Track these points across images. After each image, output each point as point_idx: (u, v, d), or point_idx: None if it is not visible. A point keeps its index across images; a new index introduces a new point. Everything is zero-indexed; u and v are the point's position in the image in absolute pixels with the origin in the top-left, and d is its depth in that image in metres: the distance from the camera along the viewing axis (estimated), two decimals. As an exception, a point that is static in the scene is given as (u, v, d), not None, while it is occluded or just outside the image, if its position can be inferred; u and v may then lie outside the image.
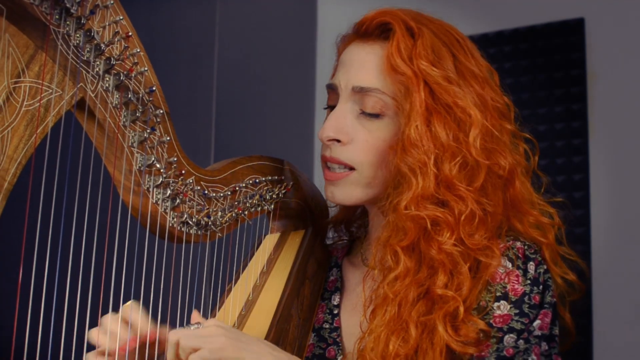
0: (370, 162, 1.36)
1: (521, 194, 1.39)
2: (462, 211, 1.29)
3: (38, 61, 0.99)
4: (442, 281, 1.28)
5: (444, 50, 1.34)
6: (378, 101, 1.35)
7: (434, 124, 1.30)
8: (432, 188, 1.29)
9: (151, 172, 1.22)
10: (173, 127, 1.24)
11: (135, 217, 1.21)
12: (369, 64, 1.37)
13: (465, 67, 1.35)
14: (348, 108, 1.38)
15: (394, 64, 1.32)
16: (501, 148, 1.35)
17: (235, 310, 1.41)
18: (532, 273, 1.31)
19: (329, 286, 1.53)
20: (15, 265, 1.00)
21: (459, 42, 1.38)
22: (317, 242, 1.58)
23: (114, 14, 1.10)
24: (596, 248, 2.81)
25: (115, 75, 1.12)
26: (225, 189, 1.36)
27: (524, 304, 1.29)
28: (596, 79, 2.91)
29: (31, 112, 0.98)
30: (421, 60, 1.31)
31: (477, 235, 1.30)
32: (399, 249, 1.31)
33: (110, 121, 1.13)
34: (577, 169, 2.87)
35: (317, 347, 1.43)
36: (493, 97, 1.36)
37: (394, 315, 1.29)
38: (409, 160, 1.30)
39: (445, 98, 1.31)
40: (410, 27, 1.34)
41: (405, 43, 1.33)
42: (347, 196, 1.40)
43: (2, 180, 0.94)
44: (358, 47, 1.40)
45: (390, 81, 1.34)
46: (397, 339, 1.27)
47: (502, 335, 1.27)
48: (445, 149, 1.30)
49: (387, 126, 1.36)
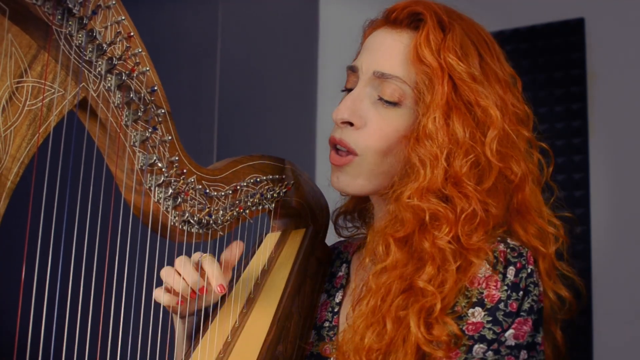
0: (377, 149, 1.34)
1: (529, 201, 1.36)
2: (465, 209, 1.27)
3: (40, 61, 0.99)
4: (427, 274, 1.25)
5: (471, 48, 1.33)
6: (397, 89, 1.33)
7: (453, 118, 1.29)
8: (439, 182, 1.28)
9: (153, 171, 1.22)
10: (175, 126, 1.24)
11: (137, 215, 1.21)
12: (394, 51, 1.35)
13: (491, 68, 1.34)
14: (366, 92, 1.36)
15: (421, 54, 1.31)
16: (516, 154, 1.33)
17: (237, 308, 1.41)
18: (511, 278, 1.26)
19: (336, 283, 1.52)
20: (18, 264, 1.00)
21: (487, 44, 1.37)
22: (318, 240, 1.58)
23: (116, 14, 1.10)
24: (596, 246, 2.81)
25: (117, 75, 1.12)
26: (226, 188, 1.36)
27: (499, 311, 1.24)
28: (596, 79, 2.91)
29: (34, 112, 0.98)
30: (449, 54, 1.30)
31: (475, 237, 1.28)
32: (391, 240, 1.29)
33: (112, 120, 1.13)
34: (577, 168, 2.87)
35: (315, 346, 1.43)
36: (514, 103, 1.35)
37: (373, 308, 1.27)
38: (420, 151, 1.29)
39: (467, 95, 1.30)
40: (442, 20, 1.33)
41: (435, 35, 1.31)
42: (349, 184, 1.39)
43: (5, 180, 0.94)
44: (385, 32, 1.38)
45: (413, 71, 1.32)
46: (373, 333, 1.25)
47: (472, 343, 1.23)
48: (459, 145, 1.28)
49: (402, 116, 1.34)
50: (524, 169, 1.34)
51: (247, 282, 1.47)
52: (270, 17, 3.22)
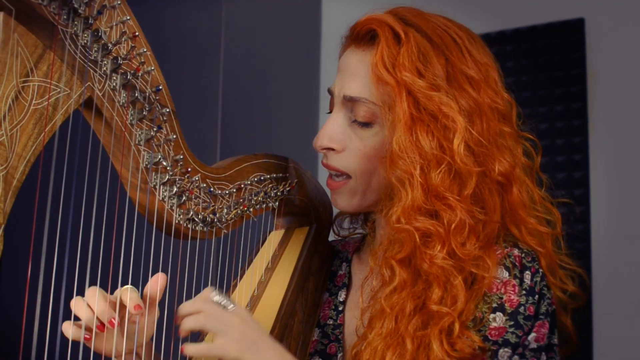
0: (362, 170, 1.35)
1: (519, 200, 1.34)
2: (452, 220, 1.25)
3: (46, 61, 0.99)
4: (437, 295, 1.25)
5: (433, 53, 1.29)
6: (368, 110, 1.32)
7: (418, 133, 1.26)
8: (420, 199, 1.26)
9: (158, 170, 1.22)
10: (179, 125, 1.24)
11: (142, 214, 1.21)
12: (359, 72, 1.34)
13: (458, 69, 1.30)
14: (341, 116, 1.36)
15: (378, 73, 1.29)
16: (498, 152, 1.30)
17: (241, 305, 1.41)
18: (528, 282, 1.27)
19: (337, 281, 1.52)
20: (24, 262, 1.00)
21: (455, 42, 1.32)
22: (321, 238, 1.57)
23: (121, 14, 1.10)
24: (596, 244, 2.81)
25: (122, 74, 1.12)
26: (230, 187, 1.36)
27: (519, 315, 1.25)
28: (596, 78, 2.90)
29: (40, 111, 0.98)
30: (404, 70, 1.27)
31: (468, 245, 1.26)
32: (394, 263, 1.28)
33: (117, 119, 1.13)
34: (577, 167, 2.87)
35: (320, 343, 1.43)
36: (492, 98, 1.31)
37: (391, 330, 1.26)
38: (397, 172, 1.28)
39: (429, 106, 1.26)
40: (397, 32, 1.30)
41: (390, 51, 1.29)
42: (348, 204, 1.40)
43: (11, 178, 0.94)
44: (352, 53, 1.37)
45: (377, 90, 1.31)
46: (394, 353, 1.25)
47: (497, 348, 1.24)
48: (429, 158, 1.26)
49: (377, 134, 1.33)
50: (507, 167, 1.31)
51: (251, 280, 1.46)
52: (273, 17, 3.21)
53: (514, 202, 1.34)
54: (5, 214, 0.93)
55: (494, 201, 1.30)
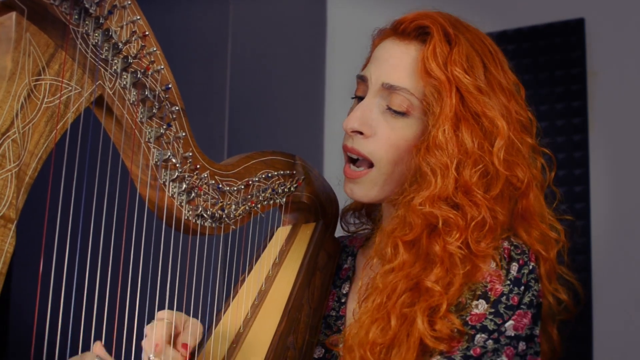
0: (388, 158, 1.35)
1: (533, 207, 1.36)
2: (475, 217, 1.27)
3: (58, 59, 0.99)
4: (435, 275, 1.26)
5: (477, 59, 1.33)
6: (405, 100, 1.33)
7: (462, 130, 1.29)
8: (449, 190, 1.28)
9: (167, 167, 1.21)
10: (188, 123, 1.24)
11: (151, 210, 1.21)
12: (402, 63, 1.35)
13: (495, 78, 1.33)
14: (375, 103, 1.37)
15: (428, 67, 1.31)
16: (520, 161, 1.33)
17: (249, 300, 1.40)
18: (514, 274, 1.28)
19: (342, 274, 1.52)
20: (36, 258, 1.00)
21: (492, 54, 1.36)
22: (328, 234, 1.57)
23: (131, 14, 1.09)
24: (596, 240, 2.80)
25: (133, 73, 1.12)
26: (238, 183, 1.36)
27: (500, 304, 1.26)
28: (596, 77, 2.90)
29: (51, 109, 0.97)
30: (455, 67, 1.29)
31: (483, 243, 1.28)
32: (400, 243, 1.29)
33: (127, 117, 1.13)
34: (577, 164, 2.86)
35: (323, 334, 1.43)
36: (517, 111, 1.35)
37: (379, 305, 1.27)
38: (431, 161, 1.29)
39: (474, 106, 1.29)
40: (448, 33, 1.33)
41: (442, 48, 1.31)
42: (365, 194, 1.39)
43: (24, 175, 0.94)
44: (393, 44, 1.37)
45: (421, 83, 1.32)
46: (377, 328, 1.26)
47: (474, 332, 1.24)
48: (468, 155, 1.28)
49: (410, 126, 1.34)
50: (528, 176, 1.34)
51: (258, 275, 1.46)
52: (279, 18, 3.21)
53: (529, 207, 1.36)
54: (18, 211, 0.93)
55: (505, 205, 1.32)
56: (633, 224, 2.77)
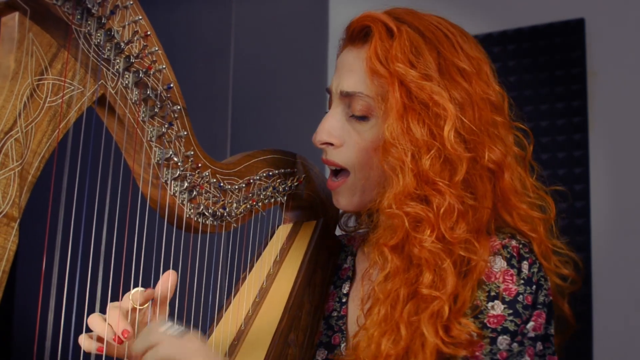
0: (361, 163, 1.35)
1: (510, 187, 1.33)
2: (441, 205, 1.25)
3: (61, 59, 0.99)
4: (427, 279, 1.24)
5: (426, 47, 1.30)
6: (364, 104, 1.33)
7: (409, 121, 1.27)
8: (412, 184, 1.26)
9: (169, 166, 1.21)
10: (190, 122, 1.24)
11: (153, 208, 1.21)
12: (354, 68, 1.35)
13: (450, 62, 1.30)
14: (339, 111, 1.37)
15: (372, 66, 1.30)
16: (489, 140, 1.30)
17: (250, 297, 1.41)
18: (526, 272, 1.27)
19: (342, 274, 1.52)
20: (39, 257, 1.00)
21: (447, 37, 1.33)
22: (328, 232, 1.57)
23: (133, 14, 1.09)
24: (596, 238, 2.80)
25: (135, 72, 1.12)
26: (240, 182, 1.36)
27: (518, 304, 1.25)
28: (595, 77, 2.90)
29: (54, 108, 0.98)
30: (396, 62, 1.28)
31: (457, 229, 1.25)
32: (386, 249, 1.28)
33: (129, 117, 1.13)
34: (577, 163, 2.86)
35: (324, 335, 1.43)
36: (483, 90, 1.32)
37: (385, 316, 1.26)
38: (389, 160, 1.28)
39: (421, 95, 1.27)
40: (390, 28, 1.31)
41: (383, 45, 1.30)
42: (349, 202, 1.40)
43: (26, 174, 0.94)
44: (348, 51, 1.38)
45: (372, 84, 1.32)
46: (388, 340, 1.24)
47: (495, 335, 1.23)
48: (420, 145, 1.26)
49: (373, 127, 1.34)
50: (499, 154, 1.30)
51: (259, 273, 1.46)
52: (281, 17, 3.21)
53: (505, 188, 1.33)
54: (20, 209, 0.93)
55: (484, 188, 1.30)
56: (633, 222, 2.77)
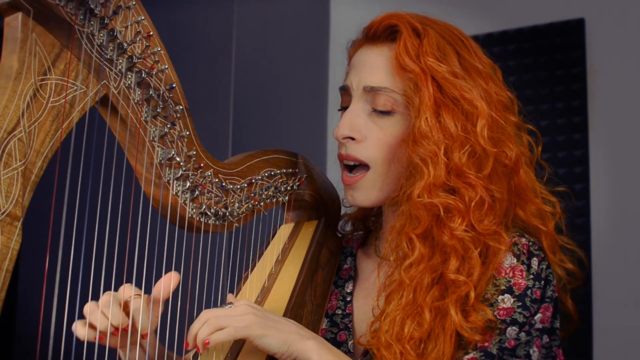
0: (383, 158, 1.36)
1: (525, 183, 1.38)
2: (472, 198, 1.29)
3: (63, 59, 0.99)
4: (454, 266, 1.28)
5: (448, 48, 1.35)
6: (388, 99, 1.35)
7: (443, 116, 1.30)
8: (443, 176, 1.29)
9: (171, 165, 1.22)
10: (192, 122, 1.24)
11: (156, 208, 1.21)
12: (378, 65, 1.37)
13: (470, 63, 1.35)
14: (360, 107, 1.38)
15: (402, 62, 1.33)
16: (506, 138, 1.35)
17: (252, 296, 1.40)
18: (535, 268, 1.30)
19: (343, 274, 1.53)
20: (42, 256, 1.00)
21: (463, 41, 1.38)
22: (330, 231, 1.57)
23: (136, 15, 1.10)
24: (596, 237, 2.80)
25: (137, 72, 1.12)
26: (242, 181, 1.36)
27: (527, 298, 1.28)
28: (595, 77, 2.89)
29: (57, 108, 0.98)
30: (428, 57, 1.32)
31: (486, 221, 1.30)
32: (413, 236, 1.31)
33: (132, 117, 1.13)
34: (577, 162, 2.86)
35: (329, 332, 1.43)
36: (497, 92, 1.37)
37: (410, 300, 1.29)
38: (420, 151, 1.30)
39: (452, 92, 1.31)
40: (416, 27, 1.35)
41: (412, 42, 1.34)
42: (366, 197, 1.40)
43: (29, 173, 0.94)
44: (368, 49, 1.40)
45: (399, 79, 1.34)
46: (412, 322, 1.27)
47: (505, 327, 1.26)
48: (454, 139, 1.30)
49: (397, 122, 1.36)
50: (516, 152, 1.35)
51: (261, 272, 1.46)
52: (283, 17, 3.21)
53: (521, 184, 1.38)
54: (24, 208, 0.93)
55: (502, 183, 1.34)
56: (633, 221, 2.77)
